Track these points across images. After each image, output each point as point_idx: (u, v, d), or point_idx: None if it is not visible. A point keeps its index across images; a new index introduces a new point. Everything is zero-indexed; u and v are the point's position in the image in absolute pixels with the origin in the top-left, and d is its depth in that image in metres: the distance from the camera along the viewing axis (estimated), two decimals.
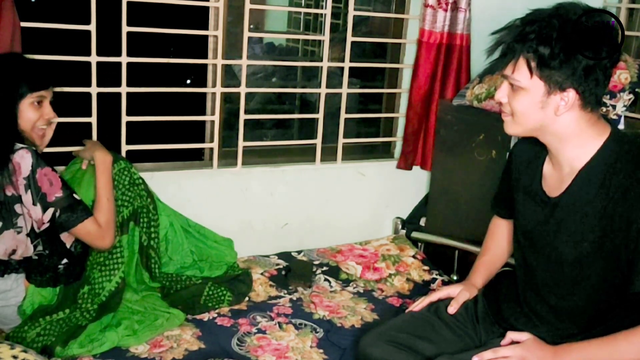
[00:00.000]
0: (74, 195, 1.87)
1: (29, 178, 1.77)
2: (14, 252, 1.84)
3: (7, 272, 1.87)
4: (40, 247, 1.88)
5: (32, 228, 1.84)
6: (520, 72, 1.38)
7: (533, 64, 1.36)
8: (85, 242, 1.95)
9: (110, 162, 2.06)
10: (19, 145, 1.78)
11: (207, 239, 2.38)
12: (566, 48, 1.33)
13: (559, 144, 1.44)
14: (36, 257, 1.89)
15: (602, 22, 1.36)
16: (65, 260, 1.96)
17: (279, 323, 2.14)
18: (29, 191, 1.78)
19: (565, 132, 1.42)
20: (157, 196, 2.26)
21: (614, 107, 2.31)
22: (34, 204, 1.79)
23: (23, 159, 1.76)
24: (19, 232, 1.82)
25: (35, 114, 1.84)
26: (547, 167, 1.54)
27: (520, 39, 1.36)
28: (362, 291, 2.45)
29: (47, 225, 1.83)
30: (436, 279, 2.57)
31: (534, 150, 1.57)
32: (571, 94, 1.36)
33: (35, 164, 1.77)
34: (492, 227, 1.86)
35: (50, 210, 1.82)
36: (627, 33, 2.77)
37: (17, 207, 1.80)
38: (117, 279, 2.03)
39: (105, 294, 2.00)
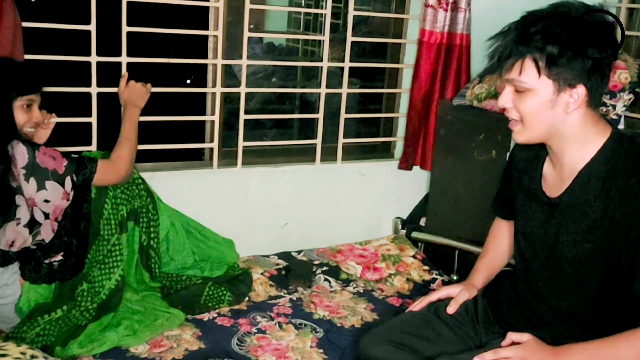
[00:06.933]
0: (73, 155, 1.95)
1: (28, 166, 1.82)
2: (13, 243, 1.86)
3: (6, 263, 1.89)
4: (40, 237, 1.89)
5: (31, 218, 1.86)
6: (528, 73, 1.38)
7: (541, 64, 1.35)
8: (108, 184, 2.06)
9: (139, 110, 2.22)
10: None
11: (209, 240, 2.37)
12: (574, 45, 1.33)
13: (563, 145, 1.44)
14: (34, 247, 1.90)
15: (603, 19, 1.37)
16: (60, 257, 1.96)
17: (279, 323, 2.14)
18: (31, 179, 1.82)
19: (572, 132, 1.41)
20: (159, 196, 2.26)
21: (614, 107, 2.31)
22: (41, 189, 1.84)
23: (18, 150, 1.81)
24: (17, 224, 1.84)
25: (24, 117, 1.90)
26: (547, 168, 1.53)
27: (525, 40, 1.35)
28: (362, 291, 2.45)
29: (72, 194, 1.91)
30: (436, 279, 2.57)
31: (534, 150, 1.57)
32: (580, 90, 1.36)
33: (31, 150, 1.83)
34: (494, 228, 1.85)
35: (68, 179, 1.90)
36: (627, 33, 2.76)
37: (17, 199, 1.83)
38: (116, 277, 2.04)
39: (105, 292, 2.01)
